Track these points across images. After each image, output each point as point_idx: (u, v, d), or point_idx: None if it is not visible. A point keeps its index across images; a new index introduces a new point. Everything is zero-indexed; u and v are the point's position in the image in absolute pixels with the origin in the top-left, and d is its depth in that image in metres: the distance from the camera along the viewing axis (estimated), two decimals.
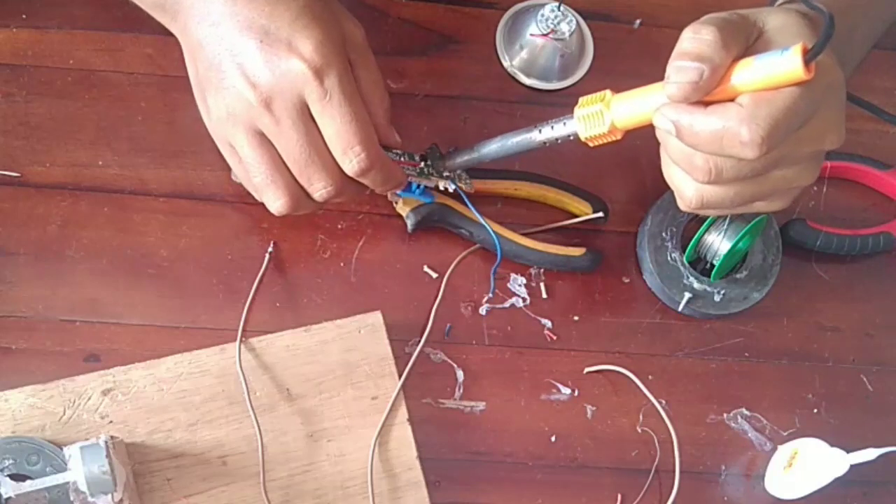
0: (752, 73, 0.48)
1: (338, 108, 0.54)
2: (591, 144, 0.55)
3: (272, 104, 0.54)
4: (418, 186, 0.64)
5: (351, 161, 0.55)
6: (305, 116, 0.54)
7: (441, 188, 0.64)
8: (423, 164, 0.63)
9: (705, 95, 0.49)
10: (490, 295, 0.66)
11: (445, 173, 0.63)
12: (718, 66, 0.48)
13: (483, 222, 0.64)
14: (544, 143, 0.58)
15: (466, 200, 0.64)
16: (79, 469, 0.55)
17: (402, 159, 0.62)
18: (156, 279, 0.64)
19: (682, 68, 0.48)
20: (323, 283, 0.66)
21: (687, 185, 0.53)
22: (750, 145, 0.47)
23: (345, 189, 0.58)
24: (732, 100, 0.48)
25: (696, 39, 0.48)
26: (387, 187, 0.60)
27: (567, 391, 0.66)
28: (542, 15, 0.69)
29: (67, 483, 0.55)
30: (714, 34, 0.47)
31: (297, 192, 0.57)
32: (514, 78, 0.71)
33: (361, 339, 0.64)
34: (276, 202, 0.58)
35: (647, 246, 0.67)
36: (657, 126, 0.51)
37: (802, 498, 0.64)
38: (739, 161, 0.49)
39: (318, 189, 0.57)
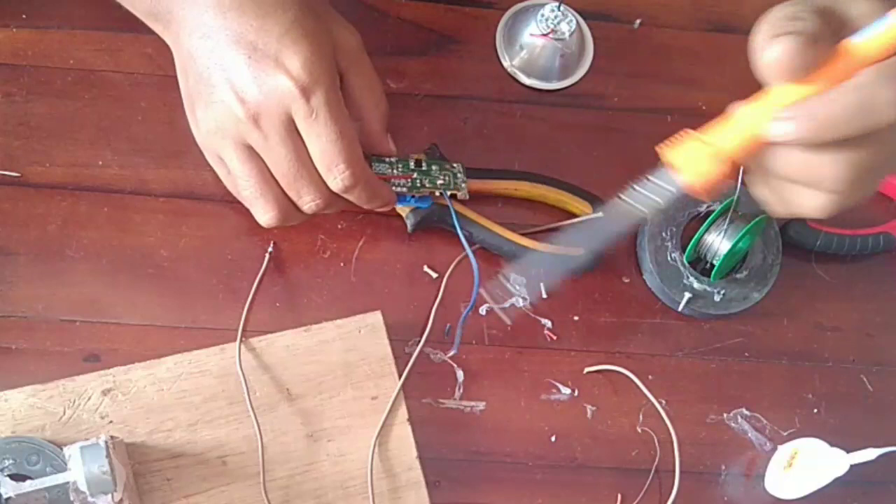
0: (859, 50, 0.42)
1: (323, 126, 0.54)
2: (698, 192, 0.48)
3: (260, 120, 0.54)
4: (413, 196, 0.63)
5: (335, 179, 0.55)
6: (293, 132, 0.54)
7: (437, 195, 0.64)
8: (415, 174, 0.63)
9: (807, 73, 0.43)
10: (454, 351, 0.66)
11: (439, 181, 0.63)
12: (816, 34, 0.42)
13: (464, 243, 0.64)
14: (643, 208, 0.50)
15: (454, 215, 0.64)
16: (79, 469, 0.55)
17: (395, 171, 0.62)
18: (156, 279, 0.64)
19: (776, 39, 0.42)
20: (323, 283, 0.66)
21: (814, 200, 0.46)
22: None
23: (334, 202, 0.58)
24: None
25: (783, 18, 0.42)
26: (373, 205, 0.60)
27: (567, 391, 0.66)
28: (542, 15, 0.69)
29: (67, 483, 0.55)
30: (803, 12, 0.42)
31: (286, 204, 0.57)
32: (514, 78, 0.71)
33: (361, 339, 0.64)
34: (265, 215, 0.58)
35: (647, 246, 0.67)
36: (775, 137, 0.44)
37: (802, 498, 0.64)
38: (879, 141, 0.43)
39: (307, 202, 0.57)
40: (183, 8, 0.55)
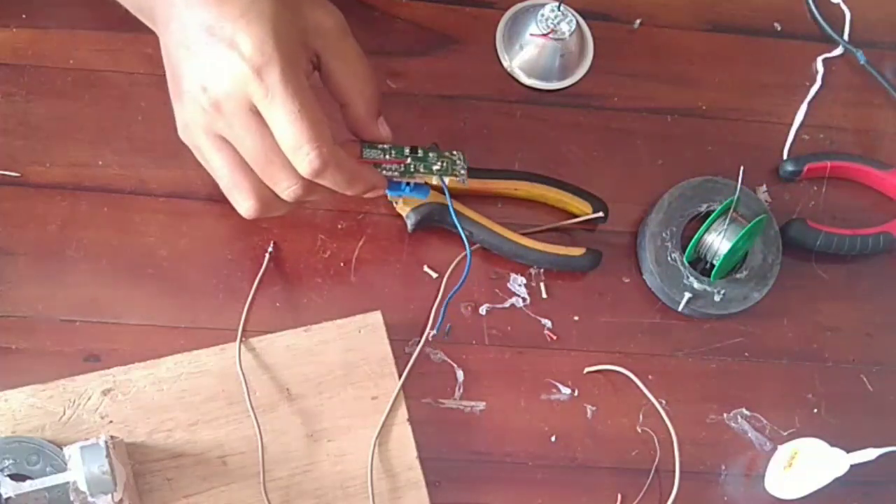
0: None
1: (280, 105, 0.51)
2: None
3: (222, 107, 0.52)
4: (408, 184, 0.62)
5: (302, 161, 0.53)
6: (257, 117, 0.52)
7: (434, 183, 0.63)
8: (409, 159, 0.61)
9: None
10: (434, 332, 0.65)
11: (436, 167, 0.62)
12: None
13: (458, 225, 0.63)
14: None
15: (448, 199, 0.62)
16: (79, 469, 0.55)
17: (388, 156, 0.60)
18: (156, 279, 0.64)
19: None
20: (323, 283, 0.66)
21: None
22: None
23: (314, 187, 0.55)
24: None
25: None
26: (355, 190, 0.57)
27: (567, 391, 0.66)
28: (542, 15, 0.69)
29: (67, 483, 0.55)
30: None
31: (265, 193, 0.56)
32: (514, 78, 0.71)
33: (361, 339, 0.64)
34: (244, 204, 0.56)
35: (647, 246, 0.67)
36: None
37: (802, 498, 0.64)
38: None
39: (284, 189, 0.55)
40: (158, 1, 0.54)
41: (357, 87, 0.57)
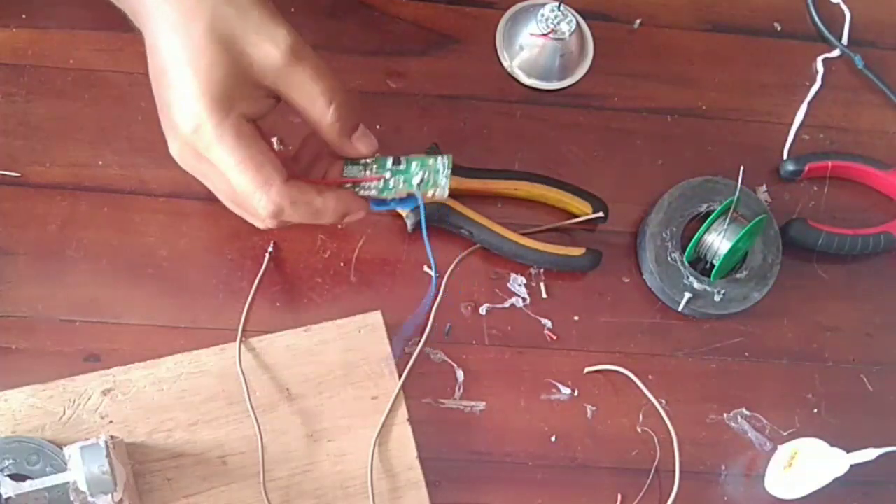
0: None
1: (220, 160, 0.52)
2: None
3: (184, 154, 0.54)
4: (392, 200, 0.60)
5: (257, 206, 0.53)
6: (211, 166, 0.53)
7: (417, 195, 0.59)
8: (389, 173, 0.58)
9: None
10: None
11: (415, 180, 0.58)
12: None
13: (426, 243, 0.61)
14: None
15: (422, 215, 0.60)
16: (79, 469, 0.55)
17: (368, 172, 0.58)
18: (156, 279, 0.64)
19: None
20: (323, 283, 0.66)
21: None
22: None
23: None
24: None
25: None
26: (325, 221, 0.56)
27: (567, 391, 0.66)
28: (542, 15, 0.69)
29: (67, 483, 0.55)
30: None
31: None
32: (514, 78, 0.71)
33: (361, 339, 0.64)
34: (254, 222, 0.57)
35: (647, 246, 0.67)
36: None
37: (802, 498, 0.64)
38: None
39: (259, 221, 0.56)
40: (142, 32, 0.54)
41: (318, 111, 0.54)
